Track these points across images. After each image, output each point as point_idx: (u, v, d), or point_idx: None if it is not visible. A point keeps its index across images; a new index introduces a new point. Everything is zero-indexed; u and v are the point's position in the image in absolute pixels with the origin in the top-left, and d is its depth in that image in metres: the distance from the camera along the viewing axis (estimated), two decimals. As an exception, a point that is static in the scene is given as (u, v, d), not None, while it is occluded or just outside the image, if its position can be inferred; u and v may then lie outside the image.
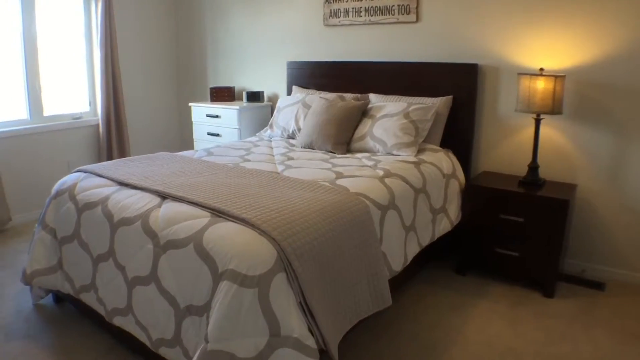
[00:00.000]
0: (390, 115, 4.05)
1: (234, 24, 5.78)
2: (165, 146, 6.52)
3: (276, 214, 2.45)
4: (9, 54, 5.02)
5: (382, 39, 4.64)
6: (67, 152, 5.49)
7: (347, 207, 2.74)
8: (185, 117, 6.51)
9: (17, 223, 5.05)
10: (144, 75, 6.22)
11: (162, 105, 6.50)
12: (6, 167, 4.94)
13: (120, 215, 2.74)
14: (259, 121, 5.39)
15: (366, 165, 3.61)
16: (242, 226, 2.37)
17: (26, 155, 5.13)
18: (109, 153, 5.71)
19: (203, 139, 5.54)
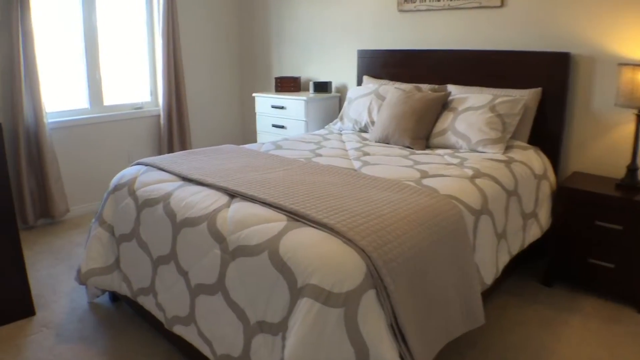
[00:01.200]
0: (475, 108, 3.67)
1: (300, 11, 5.48)
2: (226, 137, 6.32)
3: (362, 220, 2.13)
4: (70, 43, 4.91)
5: (463, 25, 4.25)
6: (127, 142, 5.34)
7: (440, 212, 2.40)
8: (247, 108, 6.27)
9: (75, 214, 4.94)
10: (206, 64, 6.01)
11: (225, 96, 6.28)
12: (65, 157, 4.83)
13: (184, 215, 2.47)
14: (327, 113, 5.08)
15: (451, 163, 3.25)
16: (325, 233, 2.05)
17: (85, 145, 5.01)
18: (169, 144, 5.54)
19: (267, 131, 5.28)
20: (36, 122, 4.46)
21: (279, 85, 5.34)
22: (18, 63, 4.29)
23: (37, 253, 4.07)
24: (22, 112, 4.37)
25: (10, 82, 4.36)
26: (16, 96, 4.33)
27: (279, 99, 5.10)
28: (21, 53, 4.30)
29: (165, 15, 5.23)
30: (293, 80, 5.31)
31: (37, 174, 4.58)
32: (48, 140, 4.53)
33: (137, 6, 5.39)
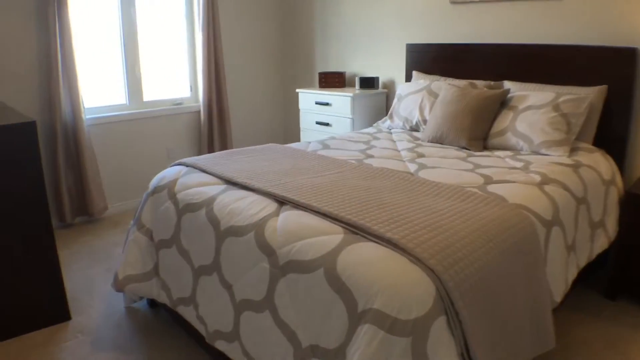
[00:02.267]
0: (536, 107, 3.40)
1: (345, 4, 5.26)
2: (268, 134, 6.16)
3: (428, 233, 1.90)
4: (108, 37, 4.80)
5: (520, 18, 3.97)
6: (166, 138, 5.21)
7: (511, 225, 2.16)
8: (290, 104, 6.07)
9: (114, 212, 4.84)
10: (247, 59, 5.84)
11: (266, 91, 6.10)
12: (103, 154, 4.72)
13: (229, 223, 2.27)
14: (373, 110, 4.86)
15: (514, 167, 2.99)
16: (388, 249, 1.83)
17: (124, 141, 4.90)
18: (209, 140, 5.40)
19: (311, 129, 5.08)
20: (74, 118, 4.35)
21: (323, 80, 5.13)
22: (55, 58, 4.19)
23: (74, 253, 3.96)
24: (60, 108, 4.27)
25: (48, 77, 4.27)
26: (54, 92, 4.23)
27: (323, 95, 4.90)
28: (58, 48, 4.20)
29: (206, 8, 5.07)
30: (338, 75, 5.10)
31: (75, 171, 4.48)
32: (86, 137, 4.42)
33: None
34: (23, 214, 2.77)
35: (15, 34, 4.15)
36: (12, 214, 2.73)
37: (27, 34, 4.21)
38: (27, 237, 2.80)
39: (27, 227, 2.80)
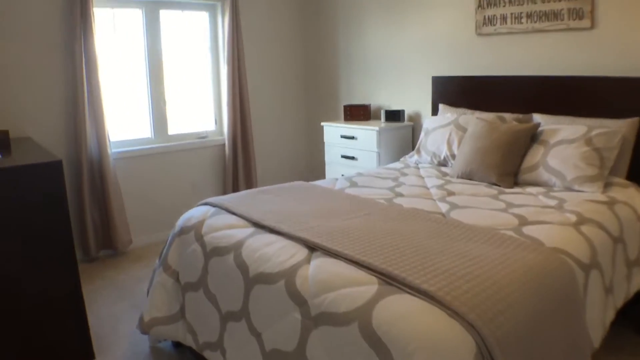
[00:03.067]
0: (568, 141, 3.32)
1: (370, 36, 5.24)
2: (293, 167, 6.14)
3: (466, 284, 1.83)
4: (133, 70, 4.85)
5: (548, 49, 3.91)
6: (191, 172, 5.22)
7: (550, 271, 2.08)
8: (314, 137, 6.05)
9: (138, 246, 4.83)
10: (272, 92, 5.85)
11: (291, 124, 6.10)
12: (128, 187, 4.73)
13: (258, 269, 2.22)
14: (399, 143, 4.80)
15: (548, 205, 2.91)
16: (424, 302, 1.76)
17: (149, 175, 4.91)
18: (234, 173, 5.39)
19: (336, 162, 5.04)
20: (99, 152, 4.37)
21: (348, 113, 5.10)
22: (82, 92, 4.23)
23: (98, 288, 3.94)
24: (86, 142, 4.30)
25: (74, 111, 4.31)
26: (80, 126, 4.27)
27: (349, 129, 4.86)
28: (85, 82, 4.25)
29: (230, 42, 5.10)
30: (363, 108, 5.06)
31: (100, 204, 4.49)
32: (111, 171, 4.44)
33: (201, 33, 5.29)
34: (48, 251, 2.74)
35: (42, 67, 4.21)
36: (37, 251, 2.71)
37: (54, 67, 4.26)
38: (51, 274, 2.77)
39: (52, 265, 2.77)
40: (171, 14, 5.00)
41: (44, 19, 4.18)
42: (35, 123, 4.21)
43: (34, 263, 2.71)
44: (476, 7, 4.24)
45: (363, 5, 5.24)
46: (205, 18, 5.27)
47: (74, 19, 4.17)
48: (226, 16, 5.08)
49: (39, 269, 2.73)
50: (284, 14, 5.81)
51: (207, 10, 5.25)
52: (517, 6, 3.99)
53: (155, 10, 4.84)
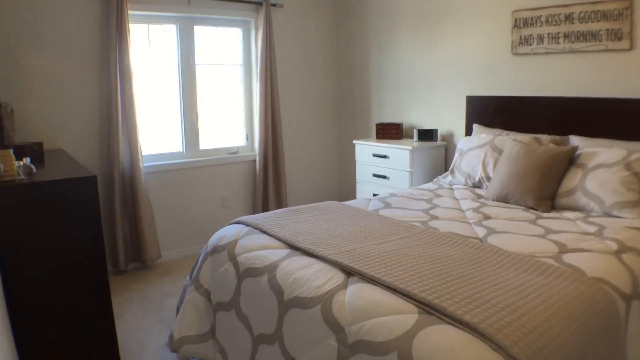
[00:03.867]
0: (607, 165, 3.25)
1: (403, 54, 5.21)
2: (324, 184, 6.12)
3: (508, 316, 1.78)
4: (166, 85, 4.90)
5: (586, 70, 3.84)
6: (221, 187, 5.23)
7: (592, 303, 2.02)
8: (346, 155, 6.02)
9: (166, 260, 4.84)
10: (303, 108, 5.84)
11: (322, 141, 6.08)
12: (158, 201, 4.75)
13: (293, 293, 2.19)
14: (432, 163, 4.75)
15: (587, 231, 2.84)
16: (467, 334, 1.72)
17: (179, 189, 4.93)
18: (264, 189, 5.38)
19: (367, 181, 5.00)
20: (132, 165, 4.40)
21: (380, 131, 5.06)
22: (116, 106, 4.28)
23: (126, 301, 3.95)
24: (119, 154, 4.33)
25: (108, 124, 4.36)
26: (113, 139, 4.30)
27: (381, 148, 4.81)
28: (119, 95, 4.30)
29: (263, 58, 5.12)
30: (395, 126, 5.01)
31: (130, 218, 4.51)
32: (143, 184, 4.46)
33: (234, 49, 5.32)
34: (80, 264, 2.76)
35: (77, 80, 4.28)
36: (69, 262, 2.73)
37: (89, 81, 4.33)
38: (83, 285, 2.79)
39: (83, 277, 2.79)
40: (205, 29, 5.04)
41: (80, 32, 4.25)
42: (69, 135, 4.26)
43: (66, 273, 2.72)
44: (512, 27, 4.19)
45: (396, 23, 5.22)
46: (238, 34, 5.30)
47: (110, 33, 4.23)
48: (259, 32, 5.11)
49: (71, 279, 2.75)
50: (317, 31, 5.82)
51: (241, 27, 5.29)
52: (554, 26, 3.93)
53: (189, 26, 4.88)
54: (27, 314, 2.61)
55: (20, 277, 2.56)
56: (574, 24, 3.81)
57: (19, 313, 2.58)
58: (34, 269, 2.61)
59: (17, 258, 2.54)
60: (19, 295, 2.57)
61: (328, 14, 5.88)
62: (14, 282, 2.54)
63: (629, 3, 3.50)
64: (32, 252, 2.59)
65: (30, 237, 2.58)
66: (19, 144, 3.51)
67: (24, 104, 4.04)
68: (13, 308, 2.56)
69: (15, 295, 2.56)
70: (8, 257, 2.51)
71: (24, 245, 2.56)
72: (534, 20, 4.05)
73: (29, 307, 2.61)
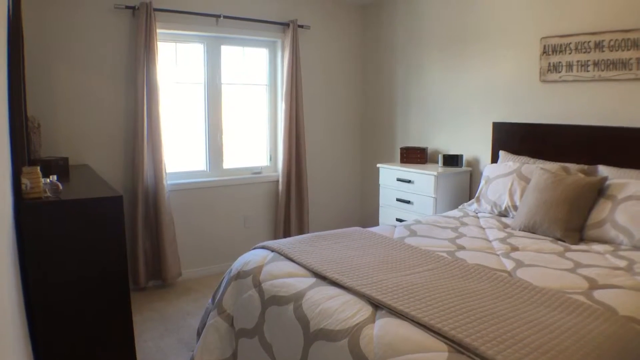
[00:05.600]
0: (637, 197, 3.19)
1: (429, 78, 5.19)
2: (346, 208, 6.10)
3: (542, 357, 1.73)
4: (192, 103, 4.93)
5: (616, 98, 3.78)
6: (243, 206, 5.23)
7: (624, 344, 1.96)
8: (369, 179, 6.00)
9: (187, 278, 4.82)
10: (328, 129, 5.85)
11: (346, 163, 6.07)
12: (180, 219, 4.76)
13: (320, 325, 2.16)
14: (457, 189, 4.69)
15: (617, 266, 2.78)
16: (498, 375, 1.67)
17: (202, 208, 4.93)
18: (287, 210, 5.36)
19: (391, 205, 4.96)
20: (155, 182, 4.42)
21: (405, 155, 5.03)
22: (142, 122, 4.31)
23: (146, 319, 3.93)
24: (143, 171, 4.35)
25: (133, 141, 4.39)
26: (138, 155, 4.33)
27: (405, 172, 4.77)
28: (145, 112, 4.33)
29: (289, 79, 5.13)
30: (420, 151, 4.98)
31: (152, 235, 4.52)
32: (166, 202, 4.47)
33: (261, 69, 5.33)
34: (103, 282, 2.76)
35: (104, 97, 4.33)
36: (92, 281, 2.73)
37: (116, 97, 4.38)
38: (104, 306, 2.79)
39: (105, 296, 2.79)
40: (232, 49, 5.06)
41: (109, 49, 4.31)
42: (94, 151, 4.30)
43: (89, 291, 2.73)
44: (541, 54, 4.16)
45: (424, 47, 5.21)
46: (265, 54, 5.33)
47: (138, 50, 4.27)
48: (286, 53, 5.13)
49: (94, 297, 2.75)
50: (343, 53, 5.83)
51: (267, 47, 5.31)
52: (583, 54, 3.89)
53: (216, 45, 4.92)
54: (49, 330, 2.61)
55: (43, 293, 2.56)
56: (604, 52, 3.77)
57: (41, 329, 2.58)
58: (58, 286, 2.61)
59: (41, 274, 2.54)
60: (42, 312, 2.57)
61: (354, 36, 5.89)
62: (37, 299, 2.54)
63: (660, 32, 3.46)
64: (55, 269, 2.59)
65: (54, 254, 2.59)
66: (45, 159, 3.54)
67: (52, 119, 4.10)
68: (36, 324, 2.56)
69: (38, 312, 2.56)
70: (33, 273, 2.51)
71: (48, 262, 2.56)
72: (563, 47, 4.01)
73: (51, 324, 2.61)
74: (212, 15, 4.71)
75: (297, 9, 5.30)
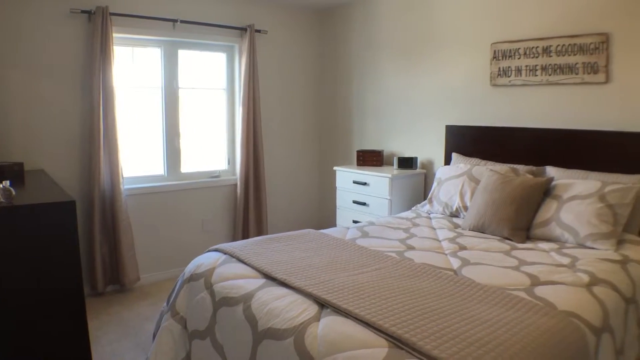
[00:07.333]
0: (582, 197, 3.30)
1: (385, 83, 5.28)
2: (304, 210, 6.14)
3: (477, 350, 1.80)
4: (149, 108, 4.91)
5: (563, 102, 3.91)
6: (202, 210, 5.23)
7: (562, 337, 2.04)
8: (327, 182, 6.06)
9: (145, 283, 4.81)
10: (285, 134, 5.89)
11: (303, 166, 6.12)
12: (138, 224, 4.74)
13: (267, 324, 2.20)
14: (411, 191, 4.78)
15: (560, 263, 2.88)
16: (435, 369, 1.74)
17: (160, 212, 4.92)
18: (245, 213, 5.38)
19: (347, 207, 5.02)
20: (112, 187, 4.41)
21: (361, 158, 5.10)
22: (98, 126, 4.29)
23: (103, 324, 3.91)
24: (99, 176, 4.33)
25: (89, 145, 4.36)
26: (94, 160, 4.31)
27: (361, 175, 4.84)
28: (101, 116, 4.31)
29: (246, 83, 5.16)
30: (376, 153, 5.05)
31: (110, 240, 4.50)
32: (123, 206, 4.46)
33: (218, 73, 5.35)
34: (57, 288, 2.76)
35: (59, 101, 4.30)
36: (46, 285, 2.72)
37: (71, 101, 4.34)
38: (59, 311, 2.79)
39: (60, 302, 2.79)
40: (189, 53, 5.07)
41: (64, 53, 4.28)
42: (50, 155, 4.26)
43: (42, 297, 2.72)
44: (491, 59, 4.27)
45: (380, 52, 5.29)
46: (222, 59, 5.35)
47: (94, 55, 4.25)
48: (243, 57, 5.16)
49: (48, 302, 2.74)
50: (301, 58, 5.89)
51: (225, 52, 5.34)
52: (532, 59, 4.01)
53: (174, 49, 4.92)
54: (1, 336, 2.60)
55: (-5, 299, 2.56)
56: (552, 56, 3.90)
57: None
58: (10, 292, 2.61)
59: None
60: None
61: (312, 41, 5.96)
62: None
63: (605, 37, 3.59)
64: (8, 275, 2.59)
65: (6, 260, 2.58)
66: (-1, 164, 3.51)
67: (6, 124, 4.05)
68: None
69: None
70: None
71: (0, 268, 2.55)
72: (512, 52, 4.12)
73: (3, 330, 2.60)
74: (169, 20, 4.72)
75: (254, 14, 5.33)
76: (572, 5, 3.77)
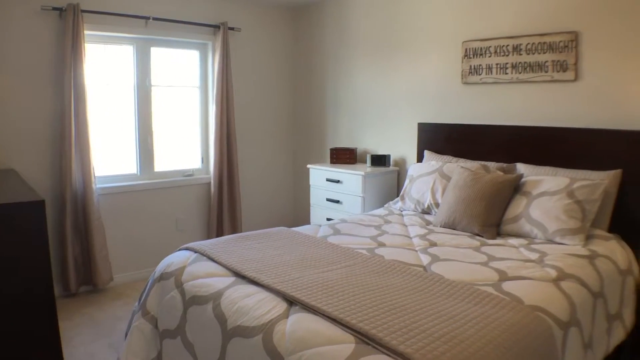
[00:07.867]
0: (550, 193, 3.35)
1: (358, 80, 5.30)
2: (278, 208, 6.14)
3: (443, 345, 1.82)
4: (122, 107, 4.88)
5: (532, 99, 3.96)
6: (176, 209, 5.21)
7: (528, 332, 2.08)
8: (301, 179, 6.07)
9: (118, 283, 4.77)
10: (259, 132, 5.89)
11: (277, 164, 6.12)
12: (111, 223, 4.70)
13: (236, 322, 2.20)
14: (384, 188, 4.80)
15: (529, 258, 2.92)
16: (401, 363, 1.75)
17: (133, 211, 4.89)
18: (219, 212, 5.37)
19: (321, 205, 5.03)
20: (84, 187, 4.36)
21: (335, 156, 5.11)
22: (69, 125, 4.25)
23: (76, 325, 3.88)
24: (71, 175, 4.28)
25: (61, 145, 4.31)
26: (65, 159, 4.26)
27: (334, 172, 4.85)
28: (72, 114, 4.27)
29: (220, 81, 5.14)
30: (349, 151, 5.07)
31: (82, 240, 4.46)
32: (95, 206, 4.42)
33: (191, 71, 5.32)
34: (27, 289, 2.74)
35: (29, 99, 4.23)
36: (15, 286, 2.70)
37: (42, 100, 4.28)
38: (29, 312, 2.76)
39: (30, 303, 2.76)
40: (162, 51, 5.04)
41: (34, 51, 4.22)
42: (20, 155, 4.21)
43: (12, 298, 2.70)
44: (462, 57, 4.31)
45: (353, 50, 5.31)
46: (195, 56, 5.32)
47: (64, 52, 4.21)
48: (216, 55, 5.14)
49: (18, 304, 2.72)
50: (274, 56, 5.88)
51: (198, 49, 5.31)
52: (502, 57, 4.05)
53: (146, 47, 4.89)
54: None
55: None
56: (522, 55, 3.94)
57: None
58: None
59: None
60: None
61: (285, 39, 5.95)
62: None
63: (574, 36, 3.63)
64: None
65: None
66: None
67: (-26, 123, 3.99)
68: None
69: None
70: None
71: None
72: (483, 50, 4.16)
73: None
74: (141, 17, 4.68)
75: (228, 12, 5.32)
76: (541, 4, 3.82)
